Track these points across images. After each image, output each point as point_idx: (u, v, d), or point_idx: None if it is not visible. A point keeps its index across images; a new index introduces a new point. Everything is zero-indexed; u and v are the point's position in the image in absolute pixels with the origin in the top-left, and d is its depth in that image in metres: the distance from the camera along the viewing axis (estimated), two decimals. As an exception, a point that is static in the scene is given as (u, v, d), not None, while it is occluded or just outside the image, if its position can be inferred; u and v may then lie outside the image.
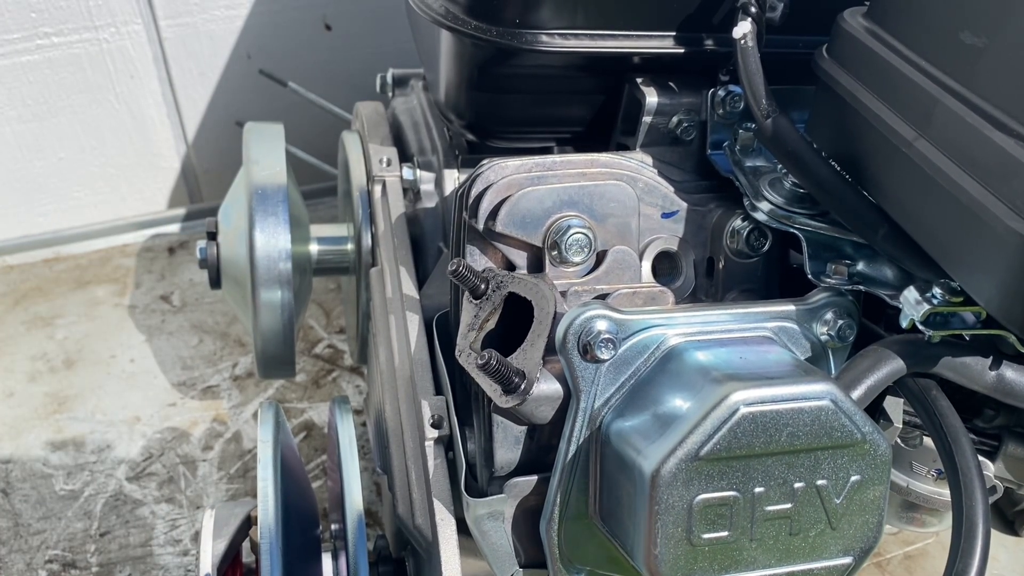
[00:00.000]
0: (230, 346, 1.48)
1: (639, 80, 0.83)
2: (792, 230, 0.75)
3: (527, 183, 0.73)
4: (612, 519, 0.66)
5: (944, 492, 0.80)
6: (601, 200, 0.75)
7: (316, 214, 1.27)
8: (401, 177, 1.03)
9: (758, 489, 0.60)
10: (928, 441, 0.79)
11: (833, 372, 0.71)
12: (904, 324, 0.64)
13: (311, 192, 1.68)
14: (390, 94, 1.22)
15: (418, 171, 1.02)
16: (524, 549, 0.74)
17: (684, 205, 0.79)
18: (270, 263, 0.99)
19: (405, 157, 1.08)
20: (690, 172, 0.82)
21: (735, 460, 0.59)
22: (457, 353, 0.71)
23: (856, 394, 0.64)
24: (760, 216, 0.76)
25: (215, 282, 1.09)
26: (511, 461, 0.72)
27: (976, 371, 0.65)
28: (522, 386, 0.66)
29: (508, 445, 0.72)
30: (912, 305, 0.63)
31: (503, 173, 0.74)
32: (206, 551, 0.79)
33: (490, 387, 0.67)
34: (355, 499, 0.81)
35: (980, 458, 0.69)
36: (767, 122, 0.71)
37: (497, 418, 0.71)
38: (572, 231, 0.72)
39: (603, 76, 0.85)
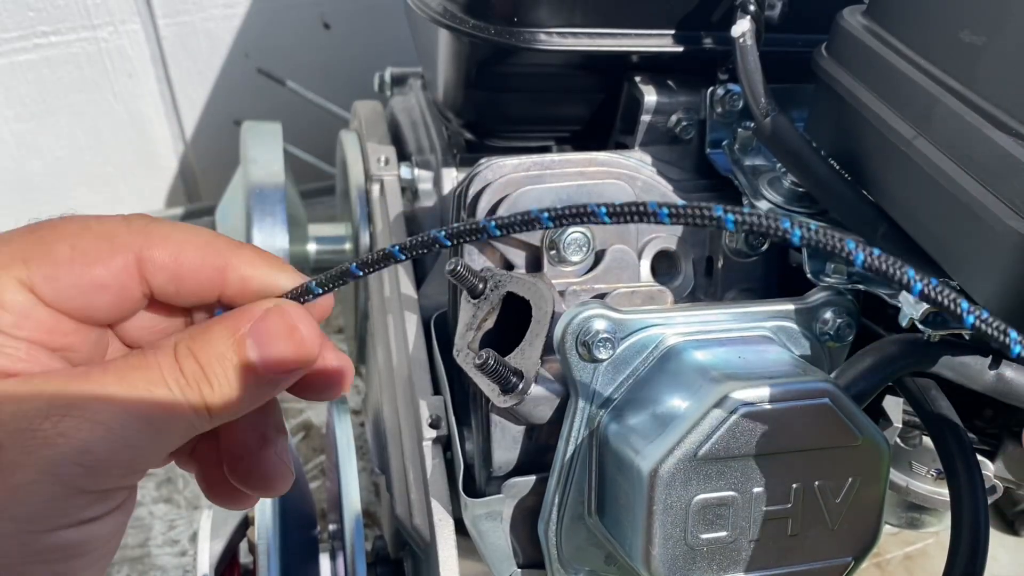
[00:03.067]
0: (228, 346, 1.47)
1: (638, 79, 0.83)
2: (791, 229, 0.74)
3: (525, 182, 0.73)
4: (610, 519, 0.66)
5: (944, 492, 0.80)
6: (599, 199, 0.74)
7: (314, 213, 1.27)
8: (399, 176, 1.03)
9: (757, 489, 0.59)
10: (928, 441, 0.79)
11: (832, 372, 0.70)
12: (903, 323, 0.64)
13: (309, 191, 1.68)
14: (388, 93, 1.21)
15: (416, 170, 1.02)
16: (522, 549, 0.73)
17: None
18: (268, 262, 0.99)
19: (403, 156, 1.08)
20: (689, 171, 0.82)
21: (734, 460, 0.58)
22: (455, 353, 0.71)
23: (855, 393, 0.64)
24: (759, 215, 0.75)
25: (213, 282, 1.09)
26: (509, 461, 0.72)
27: (975, 370, 0.65)
28: (520, 386, 0.66)
29: (506, 445, 0.71)
30: (911, 304, 0.63)
31: (501, 172, 0.74)
32: (203, 551, 0.79)
33: (488, 387, 0.67)
34: (353, 499, 0.81)
35: (979, 458, 0.69)
36: (766, 121, 0.71)
37: (495, 418, 0.71)
38: (570, 230, 0.72)
39: (602, 75, 0.84)
